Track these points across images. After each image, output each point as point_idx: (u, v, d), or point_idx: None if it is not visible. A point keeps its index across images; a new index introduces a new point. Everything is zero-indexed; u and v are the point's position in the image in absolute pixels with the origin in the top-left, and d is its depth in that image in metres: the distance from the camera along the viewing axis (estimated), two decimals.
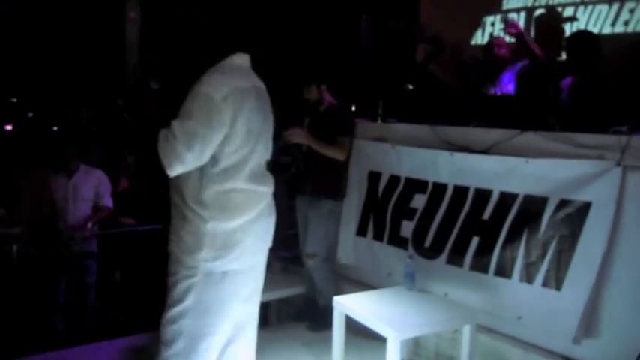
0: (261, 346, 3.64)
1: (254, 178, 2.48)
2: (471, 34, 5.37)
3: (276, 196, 2.55)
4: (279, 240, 4.47)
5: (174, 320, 2.41)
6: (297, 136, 3.81)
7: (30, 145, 5.19)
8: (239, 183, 2.42)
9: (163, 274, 2.51)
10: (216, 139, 2.32)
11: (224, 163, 2.38)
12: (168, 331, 2.42)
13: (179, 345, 2.41)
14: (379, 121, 4.31)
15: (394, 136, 4.07)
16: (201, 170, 2.37)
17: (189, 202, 2.39)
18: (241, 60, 2.49)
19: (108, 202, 4.72)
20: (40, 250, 4.02)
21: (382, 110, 4.31)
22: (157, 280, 2.71)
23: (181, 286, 2.40)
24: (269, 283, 4.09)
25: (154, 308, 2.81)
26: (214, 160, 2.37)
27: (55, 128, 7.93)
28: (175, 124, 2.28)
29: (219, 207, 2.39)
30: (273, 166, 4.24)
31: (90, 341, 3.57)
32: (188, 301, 2.40)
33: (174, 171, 2.29)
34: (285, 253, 4.48)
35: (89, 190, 4.58)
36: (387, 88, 4.63)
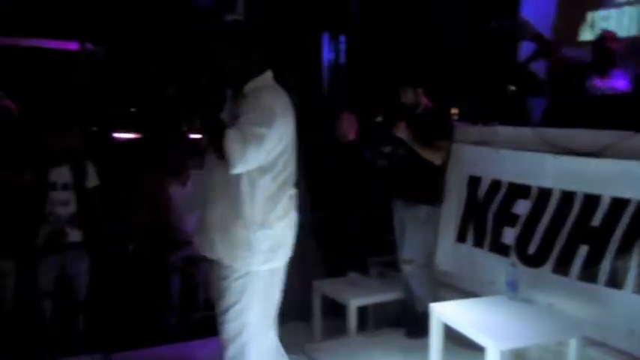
0: (359, 350, 3.70)
1: (291, 183, 2.67)
2: (575, 30, 5.10)
3: (373, 200, 2.62)
4: (378, 245, 4.52)
5: (235, 318, 2.58)
6: (401, 130, 3.80)
7: (151, 152, 5.50)
8: (284, 189, 2.60)
9: None
10: (274, 148, 2.50)
11: (272, 172, 2.55)
12: (231, 328, 2.59)
13: (243, 338, 2.59)
14: (479, 125, 4.19)
15: (495, 139, 3.94)
16: (251, 180, 2.52)
17: (250, 217, 2.54)
18: (270, 75, 2.67)
19: None
20: (153, 253, 4.29)
21: (483, 113, 4.19)
22: None
23: (235, 288, 2.58)
24: (367, 287, 4.15)
25: None
26: (263, 168, 2.52)
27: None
28: (247, 128, 2.41)
29: (267, 214, 2.56)
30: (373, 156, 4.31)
31: (200, 337, 3.76)
32: (245, 299, 2.58)
33: (236, 170, 2.42)
34: (383, 259, 4.47)
35: None
36: (488, 90, 4.49)
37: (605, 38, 4.44)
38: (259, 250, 2.56)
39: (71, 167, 4.01)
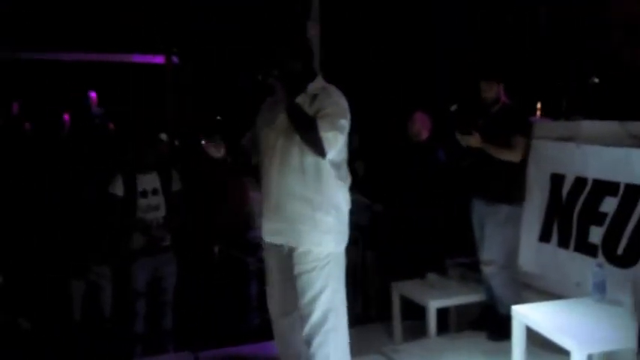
0: (438, 352, 3.66)
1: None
2: None
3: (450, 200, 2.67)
4: (457, 246, 4.44)
5: (324, 303, 2.75)
6: (472, 140, 3.74)
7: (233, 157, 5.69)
8: (346, 180, 2.87)
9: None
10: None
11: (341, 164, 2.82)
12: (320, 313, 2.75)
13: (331, 321, 2.77)
14: (562, 119, 4.03)
15: (579, 134, 3.77)
16: (334, 165, 2.76)
17: (325, 202, 2.77)
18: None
19: None
20: (236, 254, 4.46)
21: (565, 107, 4.02)
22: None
23: (322, 276, 2.76)
24: (446, 289, 4.09)
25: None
26: (335, 161, 2.76)
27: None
28: (333, 119, 2.65)
29: (339, 201, 2.83)
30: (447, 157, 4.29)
31: None
32: (331, 283, 2.78)
33: (329, 156, 2.67)
34: (463, 260, 4.39)
35: None
36: (571, 83, 4.30)
37: None
38: (339, 232, 2.82)
39: (159, 173, 4.24)
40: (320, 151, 2.63)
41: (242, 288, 4.51)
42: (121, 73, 7.93)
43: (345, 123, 2.70)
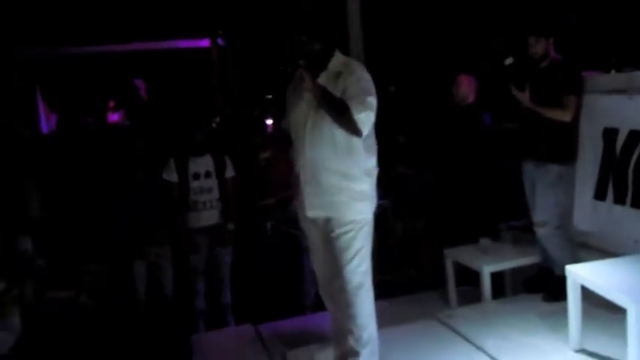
0: (494, 316, 3.65)
1: None
2: None
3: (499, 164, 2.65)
4: (509, 209, 4.37)
5: (359, 264, 2.87)
6: (524, 99, 3.66)
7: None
8: (374, 147, 2.96)
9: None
10: None
11: (370, 134, 2.83)
12: (357, 276, 2.86)
13: (367, 284, 2.90)
14: (613, 72, 3.86)
15: (632, 85, 3.61)
16: (355, 144, 2.81)
17: (359, 171, 2.86)
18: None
19: None
20: (287, 229, 4.54)
21: (616, 59, 3.84)
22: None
23: (358, 237, 2.86)
24: (500, 253, 4.05)
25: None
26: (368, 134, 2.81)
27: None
28: (363, 98, 2.70)
29: (371, 169, 2.92)
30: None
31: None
32: (366, 245, 2.91)
33: (364, 134, 2.74)
34: (515, 223, 4.32)
35: None
36: (620, 34, 4.10)
37: None
38: (372, 197, 2.93)
39: (212, 157, 4.37)
40: (356, 132, 2.71)
41: (295, 261, 4.60)
42: (168, 59, 8.09)
43: (374, 99, 2.74)
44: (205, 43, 8.16)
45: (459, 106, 4.64)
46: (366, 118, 2.69)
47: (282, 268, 4.64)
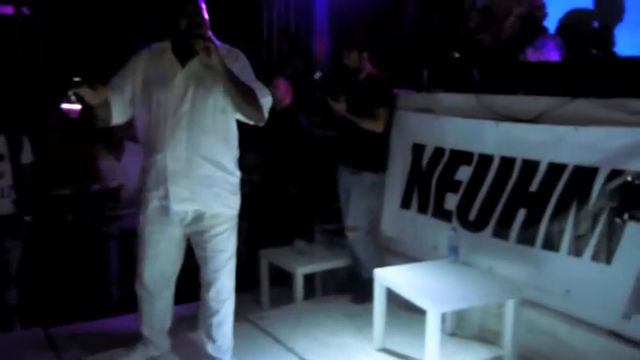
0: (305, 316, 3.71)
1: None
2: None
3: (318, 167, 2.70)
4: (323, 213, 4.51)
5: (233, 264, 2.84)
6: (339, 108, 3.79)
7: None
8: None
9: None
10: None
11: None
12: (231, 275, 2.84)
13: (234, 281, 2.90)
14: (423, 91, 4.20)
15: (438, 106, 3.96)
16: (231, 133, 2.73)
17: (232, 163, 2.76)
18: None
19: None
20: (91, 224, 4.17)
21: (426, 80, 4.19)
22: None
23: (232, 236, 2.81)
24: (313, 255, 4.16)
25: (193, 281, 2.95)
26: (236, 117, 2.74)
27: None
28: (258, 84, 2.65)
29: (237, 161, 2.83)
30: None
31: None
32: (235, 244, 2.85)
33: (265, 121, 2.70)
34: (329, 226, 4.47)
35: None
36: (432, 57, 4.49)
37: (535, 7, 4.52)
38: (238, 192, 2.82)
39: (6, 137, 3.81)
40: (260, 118, 2.64)
41: (100, 260, 4.24)
42: None
43: None
44: (8, 10, 7.23)
45: (276, 109, 4.70)
46: (267, 104, 2.64)
47: (84, 265, 4.24)
